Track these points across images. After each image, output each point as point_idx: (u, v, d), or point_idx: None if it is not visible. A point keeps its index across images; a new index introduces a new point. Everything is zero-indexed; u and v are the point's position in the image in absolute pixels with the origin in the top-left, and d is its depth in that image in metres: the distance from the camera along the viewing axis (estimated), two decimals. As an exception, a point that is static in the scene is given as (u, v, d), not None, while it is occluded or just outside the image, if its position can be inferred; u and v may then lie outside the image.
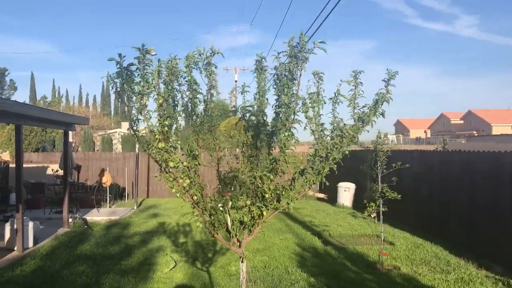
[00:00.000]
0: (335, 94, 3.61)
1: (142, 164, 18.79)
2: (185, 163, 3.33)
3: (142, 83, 3.21)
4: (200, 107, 3.59)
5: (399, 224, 12.20)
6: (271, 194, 3.24)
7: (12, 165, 18.90)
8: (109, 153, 23.48)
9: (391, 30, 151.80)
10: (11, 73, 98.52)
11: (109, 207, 15.96)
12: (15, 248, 8.98)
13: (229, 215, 3.52)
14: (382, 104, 3.64)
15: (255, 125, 3.17)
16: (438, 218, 10.88)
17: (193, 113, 3.51)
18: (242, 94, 3.61)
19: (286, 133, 3.29)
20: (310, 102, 3.54)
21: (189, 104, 3.49)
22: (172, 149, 3.30)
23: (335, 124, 3.54)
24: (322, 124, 3.64)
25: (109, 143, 45.24)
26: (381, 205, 8.29)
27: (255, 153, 3.22)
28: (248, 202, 3.32)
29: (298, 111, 3.34)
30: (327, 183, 3.88)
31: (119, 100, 3.35)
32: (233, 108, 3.23)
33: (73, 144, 47.99)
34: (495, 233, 8.59)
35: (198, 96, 3.50)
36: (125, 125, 47.31)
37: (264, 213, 3.34)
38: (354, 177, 15.97)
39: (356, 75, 3.67)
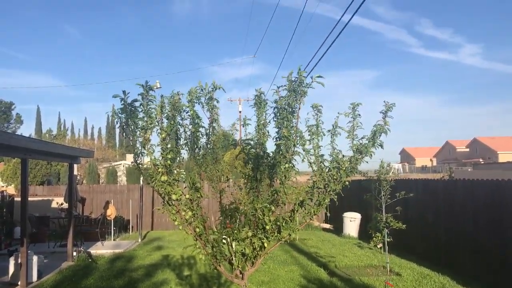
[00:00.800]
0: (333, 126, 3.68)
1: (146, 196, 18.80)
2: (187, 196, 3.38)
3: (145, 118, 3.31)
4: (203, 140, 3.67)
5: (406, 254, 12.07)
6: (271, 225, 3.27)
7: (17, 199, 18.95)
8: (113, 185, 23.53)
9: (394, 59, 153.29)
10: (17, 107, 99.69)
11: (114, 240, 15.91)
12: (19, 283, 8.94)
13: (232, 247, 3.54)
14: (380, 136, 3.70)
15: (255, 157, 3.23)
16: (444, 247, 10.77)
17: (195, 146, 3.58)
18: (244, 126, 3.68)
19: (287, 165, 3.35)
20: (309, 135, 3.61)
21: (191, 138, 3.56)
22: (174, 182, 3.36)
23: (334, 156, 3.59)
24: (322, 156, 3.69)
25: (114, 175, 45.34)
26: (385, 236, 8.24)
27: (255, 185, 3.26)
28: (250, 234, 3.34)
29: (297, 144, 3.40)
30: (328, 214, 3.90)
31: (124, 134, 3.43)
32: (234, 142, 3.30)
33: (78, 177, 48.20)
34: (502, 261, 8.49)
35: (200, 129, 3.58)
36: (129, 157, 47.49)
37: (266, 244, 3.36)
38: (360, 206, 15.91)
39: (354, 107, 3.74)
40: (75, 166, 17.32)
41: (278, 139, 3.45)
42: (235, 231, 3.43)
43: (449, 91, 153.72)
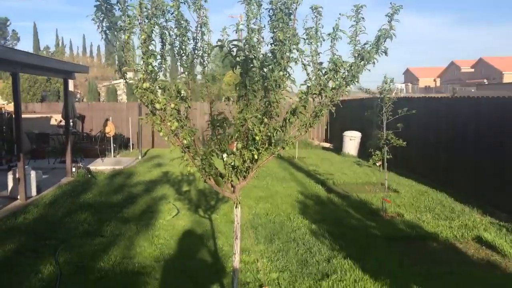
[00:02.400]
0: (333, 29, 3.34)
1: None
2: (172, 105, 3.14)
3: (123, 18, 2.98)
4: (190, 46, 3.35)
5: (405, 172, 12.11)
6: (261, 136, 3.06)
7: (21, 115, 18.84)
8: (112, 103, 23.37)
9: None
10: (13, 23, 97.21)
11: (114, 157, 15.98)
12: (18, 197, 9.00)
13: (223, 159, 3.37)
14: (385, 41, 3.38)
15: (243, 61, 2.93)
16: (443, 166, 10.74)
17: (182, 52, 3.28)
18: (236, 32, 3.36)
19: (281, 73, 3.07)
20: (306, 38, 3.29)
21: (178, 42, 3.25)
22: (158, 90, 3.11)
23: (333, 60, 3.29)
24: (321, 63, 3.40)
25: (114, 93, 45.07)
26: (385, 153, 8.13)
27: (244, 92, 3.01)
28: (240, 146, 3.15)
29: (293, 48, 3.09)
30: (326, 130, 3.67)
31: (106, 40, 3.12)
32: (219, 43, 2.98)
33: (78, 95, 47.95)
34: (500, 180, 8.46)
35: (187, 34, 3.25)
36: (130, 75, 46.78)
37: (256, 156, 3.17)
38: (360, 126, 15.77)
39: (357, 10, 3.38)
40: (71, 82, 16.97)
41: (272, 44, 3.15)
42: (223, 142, 3.24)
43: (456, 9, 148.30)
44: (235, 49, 2.95)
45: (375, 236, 6.94)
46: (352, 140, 16.46)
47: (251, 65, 2.95)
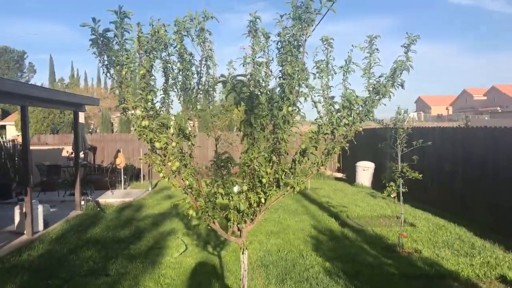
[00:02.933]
0: (346, 62, 3.15)
1: (156, 145, 18.59)
2: (173, 144, 2.94)
3: (120, 52, 2.82)
4: (194, 81, 3.17)
5: (421, 204, 11.73)
6: (269, 178, 2.84)
7: (30, 147, 18.88)
8: (124, 134, 23.30)
9: (411, 5, 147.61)
10: (29, 56, 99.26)
11: (124, 188, 15.82)
12: (25, 232, 8.82)
13: (229, 201, 3.14)
14: (401, 73, 3.18)
15: (248, 98, 2.74)
16: (461, 199, 10.37)
17: (185, 86, 3.10)
18: (243, 66, 3.18)
19: (290, 108, 2.86)
20: (317, 72, 3.10)
21: (180, 77, 3.08)
22: (159, 127, 2.91)
23: (346, 95, 3.08)
24: (332, 98, 3.19)
25: (127, 124, 45.23)
26: (401, 185, 7.83)
27: (249, 131, 2.81)
28: (245, 188, 2.93)
29: (302, 82, 2.89)
30: (338, 165, 3.44)
31: (107, 74, 2.96)
32: (222, 78, 2.80)
33: (92, 126, 48.35)
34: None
35: (191, 68, 3.08)
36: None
37: (263, 200, 2.94)
38: (374, 156, 15.47)
39: (371, 40, 3.20)
40: (82, 114, 17.04)
41: (281, 78, 2.96)
42: (227, 185, 3.01)
43: (468, 37, 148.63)
44: (239, 85, 2.77)
45: (392, 275, 6.59)
46: (365, 170, 16.13)
47: (257, 101, 2.75)
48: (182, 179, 3.01)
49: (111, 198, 13.34)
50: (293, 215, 10.78)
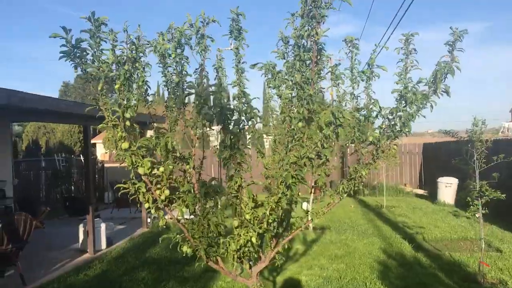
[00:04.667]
0: (368, 65, 2.57)
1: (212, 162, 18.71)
2: (161, 169, 2.54)
3: (95, 63, 2.48)
4: (192, 97, 2.75)
5: (511, 225, 10.40)
6: (252, 216, 2.33)
7: (107, 165, 19.71)
8: (196, 150, 23.62)
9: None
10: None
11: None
12: (88, 250, 8.91)
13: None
14: (445, 78, 2.54)
15: (219, 112, 2.24)
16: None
17: (182, 102, 2.69)
18: (236, 74, 2.70)
19: (300, 124, 2.35)
20: (331, 79, 2.56)
21: (176, 90, 2.67)
22: (145, 150, 2.53)
23: (366, 109, 2.50)
24: (359, 110, 2.62)
25: (202, 139, 46.11)
26: (480, 206, 6.85)
27: (227, 154, 2.32)
28: (236, 223, 2.45)
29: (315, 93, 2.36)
30: (420, 174, 2.82)
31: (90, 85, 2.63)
32: (187, 91, 2.33)
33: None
34: None
35: (187, 79, 2.67)
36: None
37: (254, 240, 2.43)
38: (458, 170, 14.13)
39: (407, 39, 2.60)
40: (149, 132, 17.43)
41: (294, 87, 2.46)
42: (219, 216, 2.54)
43: None
44: (211, 96, 2.29)
45: (469, 312, 5.69)
46: (448, 187, 14.80)
47: (229, 115, 2.24)
48: (171, 209, 2.59)
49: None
50: (362, 237, 9.98)
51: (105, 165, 19.70)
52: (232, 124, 2.24)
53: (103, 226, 9.33)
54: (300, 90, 2.34)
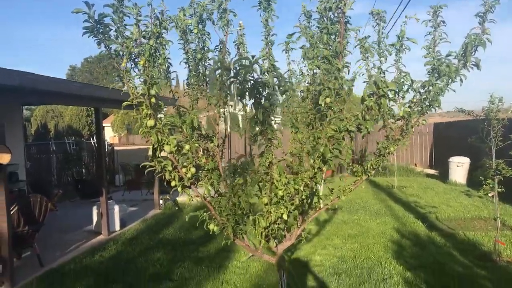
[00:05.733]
0: (398, 38, 2.50)
1: (236, 143, 18.54)
2: (186, 147, 2.51)
3: (119, 39, 2.43)
4: (218, 71, 2.68)
5: (525, 205, 10.35)
6: (287, 191, 2.29)
7: (117, 148, 19.78)
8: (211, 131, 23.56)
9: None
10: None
11: (205, 187, 15.86)
12: (102, 232, 8.98)
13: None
14: (475, 51, 2.46)
15: (252, 86, 2.18)
16: None
17: (204, 78, 2.63)
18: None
19: (328, 99, 2.29)
20: (361, 52, 2.50)
21: (193, 67, 2.61)
22: (172, 127, 2.49)
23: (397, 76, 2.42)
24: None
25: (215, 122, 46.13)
26: (496, 185, 6.79)
27: (259, 129, 2.27)
28: (265, 200, 2.42)
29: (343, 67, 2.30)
30: (431, 154, 2.78)
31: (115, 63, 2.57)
32: (219, 66, 2.25)
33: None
34: None
35: (209, 55, 2.61)
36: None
37: (285, 217, 2.41)
38: (469, 150, 14.04)
39: (436, 11, 2.52)
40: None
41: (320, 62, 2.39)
42: (243, 195, 2.50)
43: None
44: (243, 71, 2.22)
45: (486, 289, 5.68)
46: (459, 166, 14.72)
47: (261, 88, 2.17)
48: (196, 187, 2.56)
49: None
50: (375, 217, 9.97)
51: (115, 148, 19.77)
52: (264, 98, 2.19)
53: (116, 208, 9.37)
54: (328, 64, 2.29)
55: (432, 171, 17.92)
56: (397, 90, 2.30)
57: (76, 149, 18.88)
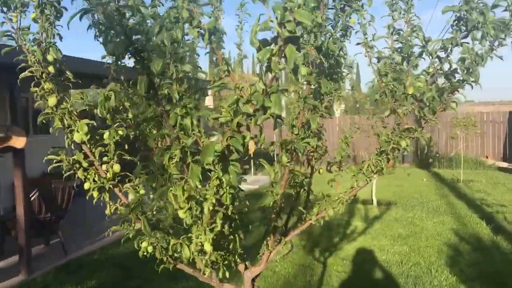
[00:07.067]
0: None
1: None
2: (105, 135, 1.83)
3: None
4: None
5: None
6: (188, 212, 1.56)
7: None
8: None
9: None
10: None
11: (254, 175, 15.38)
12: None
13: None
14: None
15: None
16: None
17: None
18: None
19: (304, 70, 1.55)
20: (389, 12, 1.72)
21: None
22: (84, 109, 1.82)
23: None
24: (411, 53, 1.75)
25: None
26: None
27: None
28: (187, 221, 1.66)
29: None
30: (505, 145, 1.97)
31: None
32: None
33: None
34: None
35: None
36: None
37: (206, 246, 1.66)
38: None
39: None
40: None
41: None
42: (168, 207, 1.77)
43: None
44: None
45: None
46: (537, 160, 13.09)
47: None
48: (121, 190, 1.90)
49: (241, 185, 12.87)
50: (432, 215, 8.91)
51: None
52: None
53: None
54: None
55: (505, 164, 16.20)
56: (402, 57, 1.53)
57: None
